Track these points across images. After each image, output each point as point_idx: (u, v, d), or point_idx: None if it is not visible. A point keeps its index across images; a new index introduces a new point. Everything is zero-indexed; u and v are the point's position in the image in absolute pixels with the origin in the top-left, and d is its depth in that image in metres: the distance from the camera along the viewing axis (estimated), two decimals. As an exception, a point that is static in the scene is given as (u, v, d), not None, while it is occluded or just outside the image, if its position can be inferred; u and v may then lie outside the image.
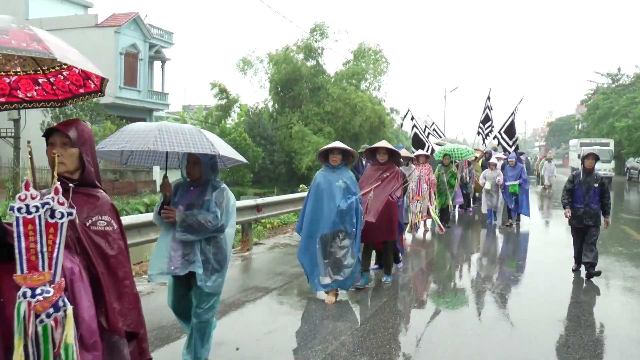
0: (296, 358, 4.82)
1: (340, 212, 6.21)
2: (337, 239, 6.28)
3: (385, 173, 7.15)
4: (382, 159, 7.26)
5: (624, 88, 49.40)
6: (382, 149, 7.30)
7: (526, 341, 5.27)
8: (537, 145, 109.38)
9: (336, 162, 6.40)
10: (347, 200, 6.24)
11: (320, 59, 37.55)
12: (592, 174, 7.99)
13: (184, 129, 3.86)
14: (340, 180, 6.34)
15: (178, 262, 4.12)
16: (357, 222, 6.34)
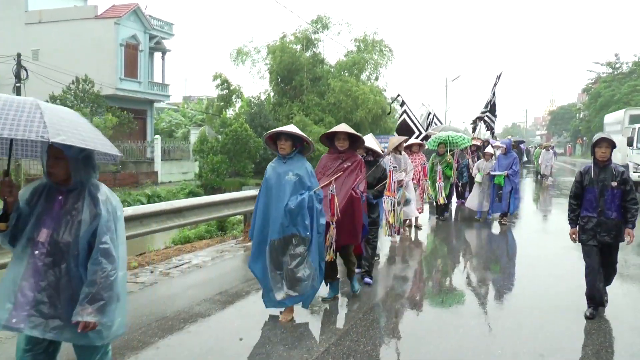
0: (300, 346, 4.84)
1: (289, 213, 5.14)
2: (290, 245, 5.20)
3: (346, 162, 6.03)
4: (341, 145, 6.08)
5: (625, 76, 49.27)
6: (341, 134, 6.09)
7: (529, 331, 5.28)
8: (538, 134, 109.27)
9: (285, 150, 5.33)
10: (298, 197, 5.19)
11: (317, 49, 37.44)
12: (608, 169, 5.65)
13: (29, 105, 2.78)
14: (290, 173, 5.28)
15: (23, 315, 2.94)
16: (314, 223, 5.26)
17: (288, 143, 5.36)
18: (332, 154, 6.19)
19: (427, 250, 9.59)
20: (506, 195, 11.89)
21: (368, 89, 35.77)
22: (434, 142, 12.75)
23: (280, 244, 5.23)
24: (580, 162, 56.31)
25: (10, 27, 31.70)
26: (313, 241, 5.27)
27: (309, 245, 5.25)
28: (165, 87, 36.59)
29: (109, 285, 2.97)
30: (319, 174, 5.91)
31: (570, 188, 5.99)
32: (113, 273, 2.99)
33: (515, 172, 12.00)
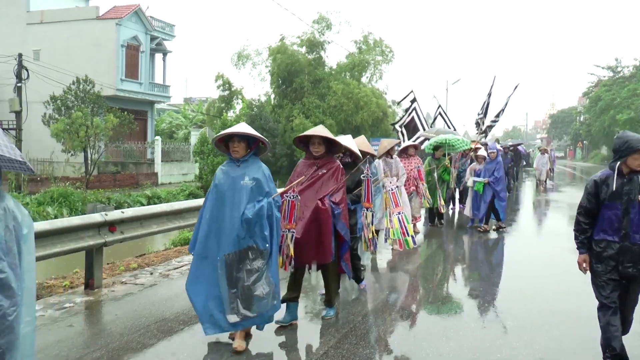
0: (299, 349, 4.83)
1: (246, 222, 4.54)
2: (247, 259, 4.58)
3: (321, 169, 5.42)
4: (316, 150, 5.47)
5: (625, 80, 49.33)
6: (315, 138, 5.47)
7: (528, 333, 5.27)
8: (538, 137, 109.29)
9: (238, 153, 4.75)
10: (255, 205, 4.61)
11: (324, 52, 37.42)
12: (633, 180, 4.29)
13: None
14: (246, 178, 4.67)
15: None
16: (274, 234, 4.68)
17: (242, 144, 4.77)
18: (308, 159, 5.60)
19: (424, 256, 9.57)
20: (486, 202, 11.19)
21: (370, 91, 35.78)
22: (431, 145, 12.15)
23: (235, 258, 4.59)
24: (580, 165, 56.43)
25: (12, 27, 31.74)
26: (273, 254, 4.68)
27: (268, 258, 4.64)
28: (165, 88, 36.63)
29: (7, 328, 2.39)
30: (292, 181, 5.29)
31: (580, 202, 4.56)
32: (12, 311, 2.42)
33: (497, 179, 11.24)
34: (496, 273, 8.15)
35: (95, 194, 20.45)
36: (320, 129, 5.58)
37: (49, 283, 7.14)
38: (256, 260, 4.60)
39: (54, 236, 6.11)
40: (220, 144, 4.91)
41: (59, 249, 6.12)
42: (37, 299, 6.38)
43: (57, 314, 5.76)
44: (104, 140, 26.32)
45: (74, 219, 6.59)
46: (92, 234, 6.61)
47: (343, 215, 5.42)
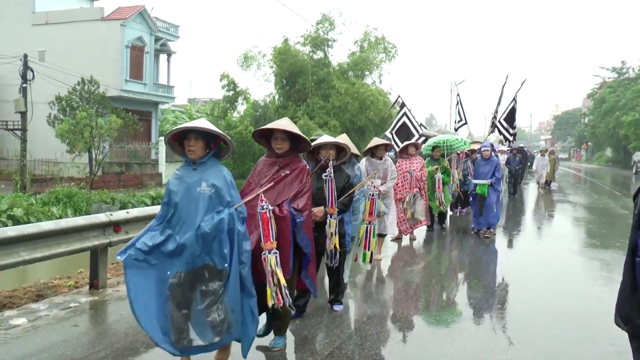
0: (304, 350, 4.83)
1: (202, 237, 3.89)
2: (202, 280, 3.93)
3: (284, 170, 4.67)
4: (279, 147, 4.70)
5: (631, 82, 49.21)
6: (278, 132, 4.69)
7: (532, 334, 5.28)
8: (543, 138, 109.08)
9: (195, 154, 4.04)
10: (214, 217, 3.93)
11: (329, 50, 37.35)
12: None
13: None
14: (204, 184, 4.01)
15: None
16: (234, 251, 3.96)
17: (199, 143, 4.06)
18: (269, 157, 4.83)
19: (426, 259, 9.56)
20: (491, 206, 10.55)
21: (376, 91, 35.73)
22: (429, 146, 11.71)
23: (188, 278, 3.94)
24: (584, 167, 56.28)
25: (17, 28, 31.84)
26: (232, 275, 3.94)
27: (227, 280, 3.95)
28: (170, 89, 36.68)
29: None
30: (251, 183, 4.69)
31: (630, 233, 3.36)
32: None
33: (499, 179, 10.75)
34: (498, 275, 8.14)
35: (99, 194, 20.47)
36: (284, 122, 4.78)
37: (54, 283, 7.17)
38: (213, 281, 3.94)
39: (59, 236, 6.14)
40: (174, 143, 4.19)
41: (63, 249, 6.15)
42: (42, 298, 6.43)
43: (62, 313, 5.78)
44: (109, 141, 26.35)
45: (78, 219, 6.61)
46: (97, 234, 6.63)
47: (306, 225, 4.59)
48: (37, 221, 12.63)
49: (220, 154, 4.25)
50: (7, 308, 6.04)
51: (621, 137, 45.44)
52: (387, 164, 8.09)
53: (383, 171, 8.08)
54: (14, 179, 22.73)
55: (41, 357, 4.57)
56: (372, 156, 8.07)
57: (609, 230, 12.67)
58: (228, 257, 3.94)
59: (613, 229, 13.02)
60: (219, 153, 4.24)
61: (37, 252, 5.81)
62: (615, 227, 13.36)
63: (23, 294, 6.57)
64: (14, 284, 7.51)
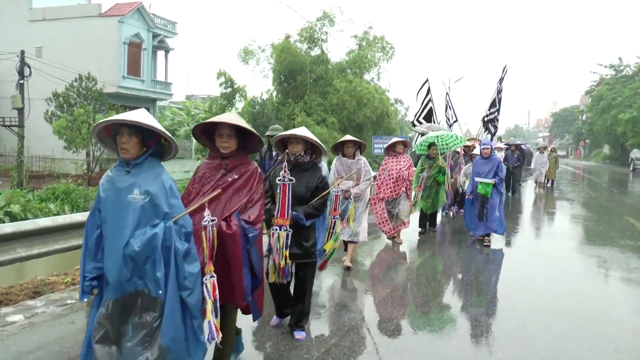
0: (300, 347, 4.83)
1: (130, 258, 3.20)
2: (133, 309, 3.25)
3: (232, 174, 3.94)
4: (225, 145, 3.97)
5: (628, 79, 49.26)
6: (224, 128, 3.96)
7: (531, 334, 5.27)
8: (540, 135, 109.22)
9: (128, 153, 3.35)
10: (147, 232, 3.22)
11: (325, 46, 37.31)
12: None
13: None
14: (136, 191, 3.29)
15: None
16: (171, 274, 3.24)
17: (133, 140, 3.34)
18: (213, 159, 4.08)
19: (424, 255, 9.55)
20: (494, 209, 9.52)
21: (373, 88, 35.71)
22: (423, 144, 10.94)
23: (117, 307, 3.25)
24: (582, 164, 56.37)
25: (14, 24, 31.76)
26: (169, 304, 3.22)
27: (163, 310, 3.23)
28: (167, 86, 36.65)
29: None
30: (192, 192, 3.94)
31: None
32: None
33: (502, 179, 9.74)
34: (496, 274, 8.14)
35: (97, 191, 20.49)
36: (230, 116, 4.01)
37: (50, 280, 7.14)
38: (146, 311, 3.23)
39: (56, 233, 6.11)
40: (106, 138, 3.48)
41: (61, 245, 6.12)
42: (39, 295, 6.42)
43: (58, 310, 5.77)
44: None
45: (76, 216, 6.57)
46: (94, 231, 6.59)
47: (258, 240, 3.94)
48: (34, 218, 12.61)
49: (163, 154, 3.55)
50: (4, 305, 6.02)
51: (619, 134, 45.50)
52: (360, 163, 7.30)
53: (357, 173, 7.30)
54: (11, 175, 22.71)
55: (38, 354, 4.56)
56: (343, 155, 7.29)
57: (606, 228, 12.68)
58: (163, 282, 3.22)
59: (611, 226, 13.04)
60: (162, 153, 3.54)
61: (34, 248, 5.79)
62: (613, 224, 13.38)
63: (20, 291, 6.54)
64: (10, 281, 7.48)
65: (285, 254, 4.43)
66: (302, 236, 4.79)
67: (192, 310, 3.31)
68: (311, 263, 4.98)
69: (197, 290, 3.33)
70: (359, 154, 7.33)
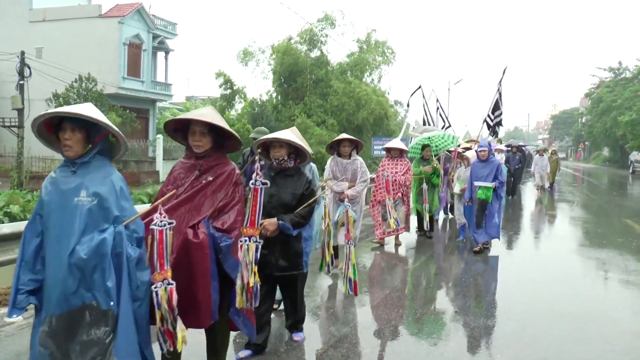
0: (299, 348, 4.83)
1: (77, 267, 2.91)
2: (81, 324, 2.93)
3: (207, 176, 3.62)
4: (198, 144, 3.65)
5: (628, 82, 49.30)
6: (197, 125, 3.63)
7: (531, 336, 5.26)
8: (540, 138, 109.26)
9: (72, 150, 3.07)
10: (95, 238, 2.94)
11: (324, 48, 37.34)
12: None
13: None
14: (83, 193, 3.00)
15: None
16: (124, 284, 2.98)
17: (77, 136, 3.06)
18: (189, 158, 3.74)
19: (422, 257, 9.55)
20: (493, 215, 8.94)
21: (371, 90, 35.74)
22: (417, 146, 10.59)
23: (62, 324, 2.93)
24: (582, 167, 56.37)
25: (15, 24, 31.76)
26: (122, 317, 2.95)
27: (115, 324, 2.94)
28: (167, 87, 36.65)
29: None
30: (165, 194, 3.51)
31: None
32: None
33: (502, 183, 9.13)
34: (496, 275, 8.13)
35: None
36: (205, 111, 3.69)
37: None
38: (96, 326, 2.91)
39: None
40: (49, 135, 3.18)
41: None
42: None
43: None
44: (106, 139, 26.35)
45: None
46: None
47: (236, 248, 3.56)
48: (33, 218, 12.57)
49: (113, 151, 3.26)
50: (2, 305, 6.01)
51: (618, 136, 45.50)
52: (356, 164, 7.02)
53: (352, 172, 7.03)
54: (11, 175, 22.70)
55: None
56: (338, 154, 7.01)
57: (605, 230, 12.68)
58: (114, 293, 2.93)
59: (610, 228, 13.04)
60: (112, 151, 3.25)
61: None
62: (612, 227, 13.38)
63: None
64: (9, 281, 7.48)
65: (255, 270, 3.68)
66: (289, 247, 4.42)
67: (139, 321, 3.06)
68: (300, 275, 4.66)
69: (146, 300, 3.10)
70: (355, 154, 7.05)
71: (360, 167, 7.06)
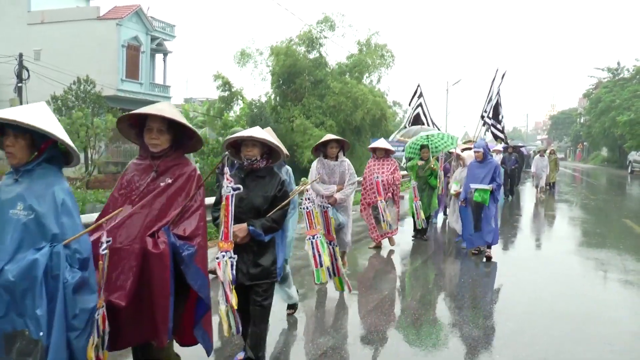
0: (298, 349, 4.83)
1: (5, 289, 2.61)
2: (13, 352, 2.61)
3: (165, 178, 3.27)
4: (154, 142, 3.29)
5: (626, 82, 49.36)
6: (154, 122, 3.26)
7: (530, 336, 5.26)
8: (539, 138, 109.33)
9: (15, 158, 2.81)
10: (26, 259, 2.61)
11: (322, 49, 37.36)
12: None
13: None
14: (19, 205, 2.71)
15: None
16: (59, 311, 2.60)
17: (20, 142, 2.78)
18: (143, 159, 3.39)
19: (421, 256, 9.54)
20: (490, 219, 8.51)
21: (367, 90, 35.74)
22: (414, 147, 10.23)
23: None
24: (580, 167, 56.40)
25: (13, 27, 31.76)
26: (52, 349, 2.57)
27: (45, 357, 2.57)
28: (166, 89, 36.67)
29: None
30: (117, 199, 3.28)
31: None
32: None
33: (500, 185, 8.69)
34: (495, 275, 8.13)
35: (95, 194, 20.44)
36: (161, 107, 3.31)
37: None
38: (25, 357, 2.58)
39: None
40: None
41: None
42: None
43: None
44: (105, 141, 26.35)
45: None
46: (92, 234, 6.56)
47: (199, 257, 3.20)
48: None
49: (68, 161, 2.96)
50: None
51: (617, 136, 45.56)
52: (344, 165, 6.71)
53: (339, 175, 6.73)
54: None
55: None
56: (325, 156, 6.71)
57: (604, 230, 12.69)
58: (44, 322, 2.56)
59: (609, 228, 13.05)
60: (67, 158, 2.95)
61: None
62: (611, 227, 13.39)
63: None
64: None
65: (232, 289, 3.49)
66: (260, 254, 3.97)
67: (77, 354, 2.67)
68: (273, 284, 4.15)
69: (87, 331, 2.71)
70: (342, 155, 6.77)
71: (348, 169, 6.78)
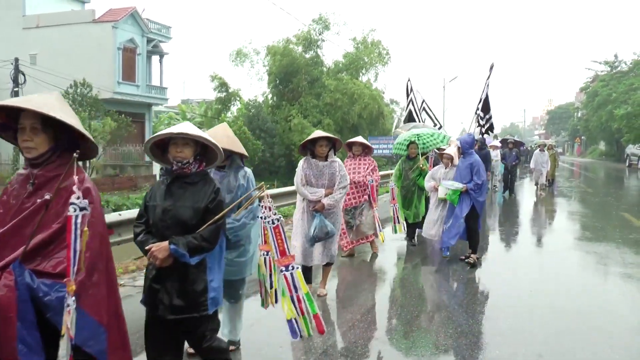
0: (298, 348, 4.82)
1: None
2: None
3: (42, 192, 2.63)
4: (28, 146, 2.66)
5: (623, 75, 49.40)
6: (26, 119, 2.62)
7: (528, 330, 5.27)
8: (537, 133, 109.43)
9: None
10: None
11: (319, 50, 37.41)
12: None
13: None
14: None
15: None
16: None
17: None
18: (25, 168, 2.76)
19: (420, 255, 9.54)
20: (459, 216, 7.89)
21: (363, 85, 35.75)
22: (401, 143, 9.72)
23: None
24: (578, 161, 56.46)
25: (8, 31, 31.73)
26: None
27: None
28: (163, 91, 36.64)
29: None
30: None
31: None
32: None
33: (479, 185, 7.83)
34: (493, 271, 8.12)
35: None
36: (39, 99, 2.62)
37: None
38: None
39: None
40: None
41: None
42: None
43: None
44: (102, 144, 26.35)
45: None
46: (89, 237, 6.54)
47: (87, 303, 2.58)
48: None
49: None
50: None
51: (614, 130, 45.57)
52: (334, 166, 5.93)
53: (329, 177, 5.93)
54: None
55: None
56: (314, 156, 5.98)
57: (602, 224, 12.70)
58: None
59: (607, 222, 13.06)
60: None
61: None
62: (609, 220, 13.40)
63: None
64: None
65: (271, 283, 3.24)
66: (187, 281, 3.21)
67: None
68: (204, 318, 3.29)
69: None
70: (333, 155, 6.02)
71: (339, 171, 5.95)
